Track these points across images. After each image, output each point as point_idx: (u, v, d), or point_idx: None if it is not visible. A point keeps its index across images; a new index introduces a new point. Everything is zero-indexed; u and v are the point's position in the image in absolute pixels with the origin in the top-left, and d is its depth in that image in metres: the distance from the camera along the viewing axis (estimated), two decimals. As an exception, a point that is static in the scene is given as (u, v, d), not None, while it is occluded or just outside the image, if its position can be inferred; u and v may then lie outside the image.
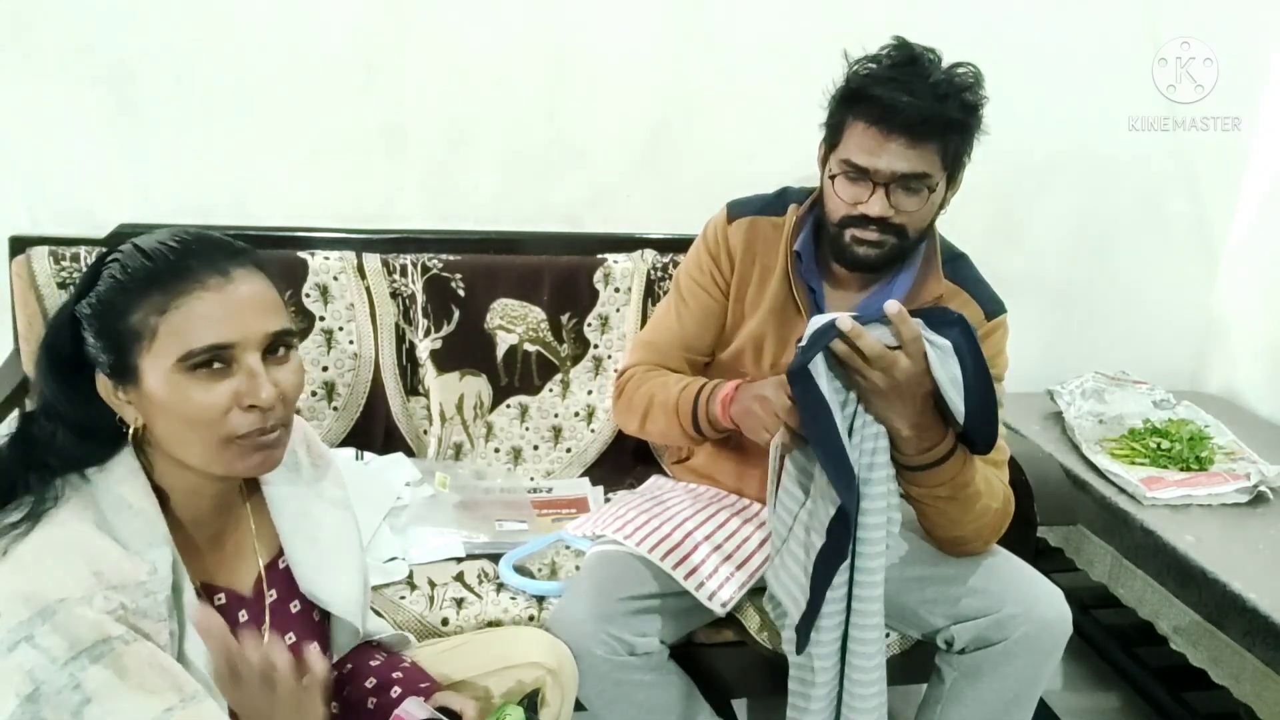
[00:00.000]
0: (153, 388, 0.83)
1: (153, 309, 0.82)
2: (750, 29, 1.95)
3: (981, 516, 1.26)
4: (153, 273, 0.83)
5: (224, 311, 0.83)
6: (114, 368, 0.85)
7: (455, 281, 1.80)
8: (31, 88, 1.73)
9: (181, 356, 0.82)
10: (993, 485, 1.26)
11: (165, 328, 0.82)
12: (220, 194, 1.85)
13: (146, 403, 0.84)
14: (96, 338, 0.85)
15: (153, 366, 0.83)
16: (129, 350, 0.83)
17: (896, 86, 1.21)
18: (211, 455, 0.86)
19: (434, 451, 1.81)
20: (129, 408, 0.86)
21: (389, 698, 1.02)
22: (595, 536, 1.45)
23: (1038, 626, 1.26)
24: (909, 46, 1.27)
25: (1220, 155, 2.24)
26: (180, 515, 0.91)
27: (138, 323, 0.83)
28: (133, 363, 0.83)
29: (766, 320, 1.42)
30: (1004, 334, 1.38)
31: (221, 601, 0.95)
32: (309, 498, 1.03)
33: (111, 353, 0.84)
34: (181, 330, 0.82)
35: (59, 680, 0.74)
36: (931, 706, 1.36)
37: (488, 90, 1.89)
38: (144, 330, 0.82)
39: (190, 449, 0.85)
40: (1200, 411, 2.05)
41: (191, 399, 0.83)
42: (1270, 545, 1.63)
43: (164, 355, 0.82)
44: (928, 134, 1.22)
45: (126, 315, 0.83)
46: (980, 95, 1.27)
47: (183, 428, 0.84)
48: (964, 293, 1.37)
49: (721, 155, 2.01)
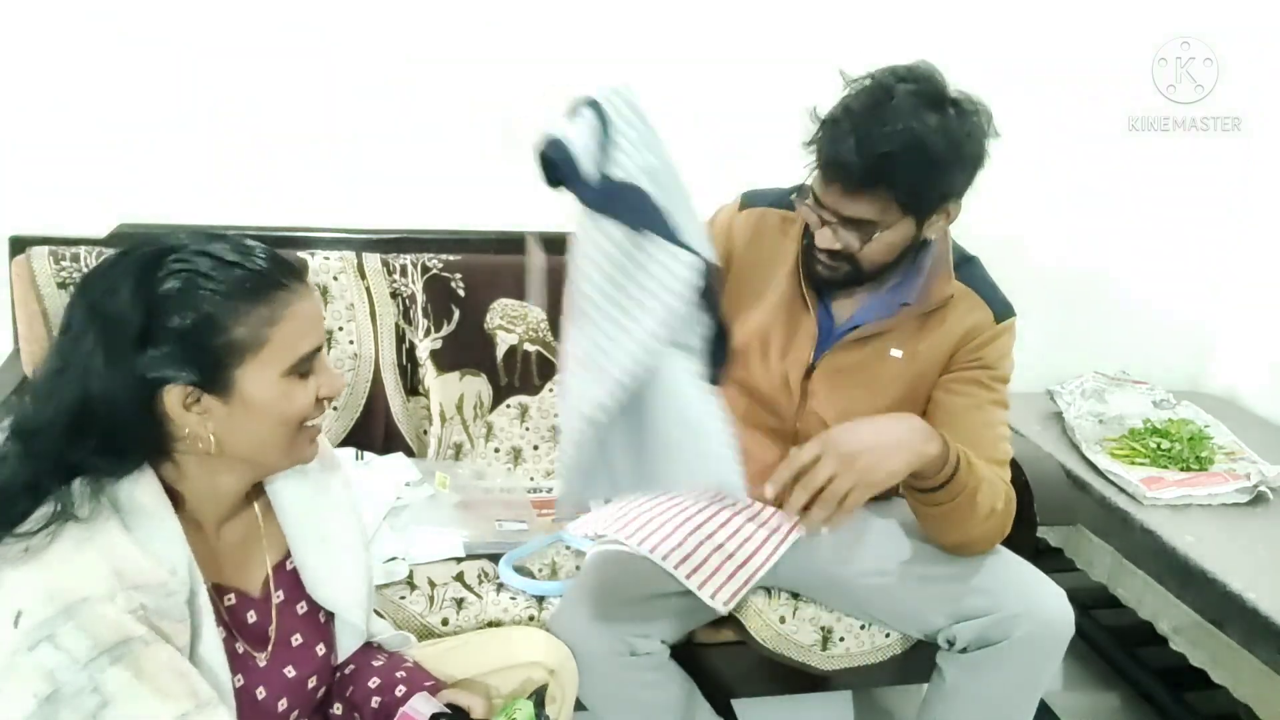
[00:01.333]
0: (255, 395, 0.86)
1: (261, 321, 0.85)
2: (754, 30, 1.95)
3: (987, 520, 1.26)
4: (254, 286, 0.85)
5: (314, 315, 0.91)
6: (202, 383, 0.84)
7: (455, 281, 1.80)
8: (32, 87, 1.73)
9: (294, 363, 0.87)
10: (995, 485, 1.27)
11: (277, 337, 0.86)
12: (220, 194, 1.85)
13: (238, 412, 0.85)
14: (186, 356, 0.83)
15: (258, 375, 0.86)
16: (226, 364, 0.84)
17: (840, 136, 1.19)
18: (286, 448, 0.92)
19: (434, 451, 1.81)
20: (200, 419, 0.85)
21: (394, 697, 1.02)
22: (596, 536, 1.45)
23: (1040, 626, 1.26)
24: (878, 90, 1.20)
25: (1220, 155, 2.24)
26: (193, 518, 0.91)
27: (245, 336, 0.84)
28: (229, 375, 0.84)
29: (774, 314, 1.42)
30: (1011, 337, 1.38)
31: (231, 602, 0.95)
32: (316, 500, 1.03)
33: (205, 369, 0.83)
34: (290, 339, 0.87)
35: (78, 682, 0.74)
36: (933, 706, 1.36)
37: (488, 90, 1.89)
38: (252, 342, 0.85)
39: (271, 447, 0.90)
40: (1200, 411, 2.05)
41: (294, 400, 0.89)
42: (1270, 545, 1.63)
43: (273, 364, 0.86)
44: (865, 185, 1.20)
45: (230, 331, 0.84)
46: (955, 141, 1.19)
47: (274, 428, 0.89)
48: (974, 294, 1.36)
49: (722, 155, 2.01)
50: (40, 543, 0.79)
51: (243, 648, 0.94)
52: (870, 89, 1.21)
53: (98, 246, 1.66)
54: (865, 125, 1.17)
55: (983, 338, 1.34)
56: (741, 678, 1.49)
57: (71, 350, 0.83)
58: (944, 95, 1.21)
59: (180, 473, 0.89)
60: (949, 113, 1.19)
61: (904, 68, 1.23)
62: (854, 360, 1.37)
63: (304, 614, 1.02)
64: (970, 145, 1.22)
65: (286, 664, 0.98)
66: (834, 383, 1.39)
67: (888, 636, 1.47)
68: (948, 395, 1.34)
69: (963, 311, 1.35)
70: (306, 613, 1.02)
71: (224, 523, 0.96)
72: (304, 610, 1.02)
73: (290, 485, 1.01)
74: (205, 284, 0.83)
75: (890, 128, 1.16)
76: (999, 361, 1.35)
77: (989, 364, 1.34)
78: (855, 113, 1.19)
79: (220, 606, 0.93)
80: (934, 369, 1.35)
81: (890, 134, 1.16)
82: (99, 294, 0.83)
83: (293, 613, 1.01)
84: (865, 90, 1.21)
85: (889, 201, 1.21)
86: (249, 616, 0.96)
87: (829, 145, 1.21)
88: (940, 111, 1.19)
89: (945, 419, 1.33)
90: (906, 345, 1.35)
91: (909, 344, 1.35)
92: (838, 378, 1.38)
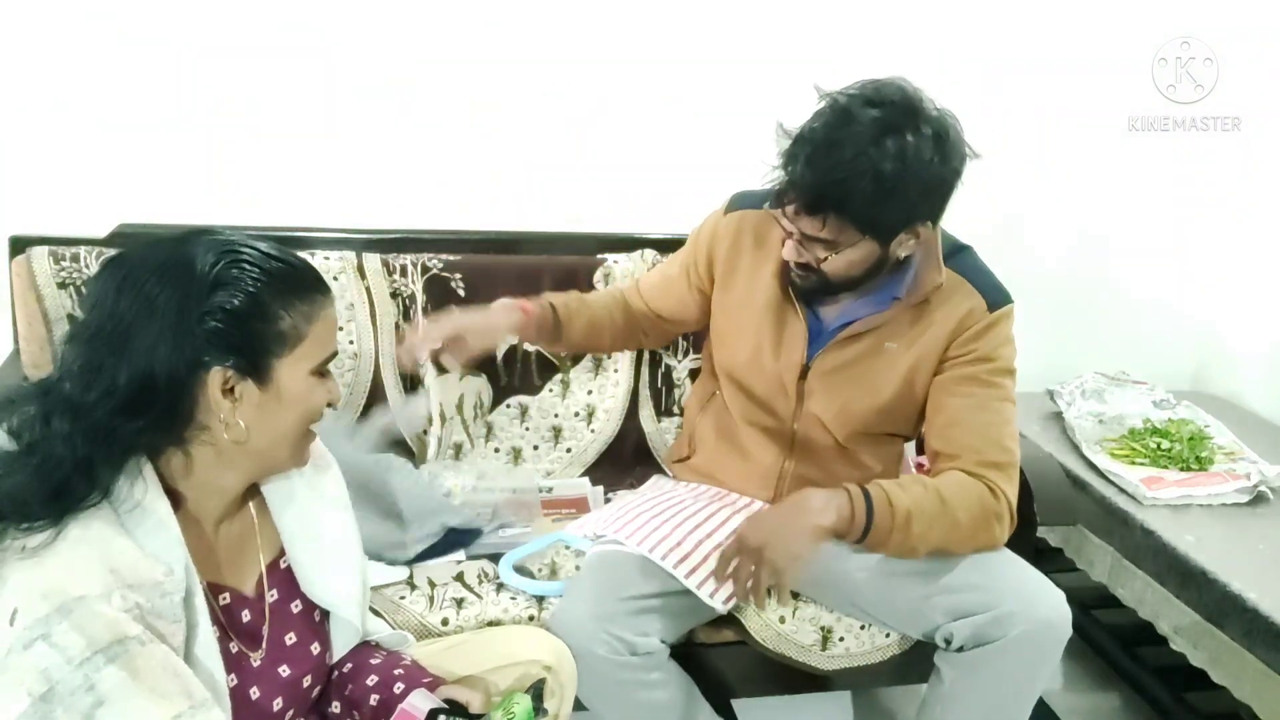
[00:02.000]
0: (289, 387, 0.89)
1: (302, 317, 0.88)
2: (752, 30, 1.95)
3: (952, 531, 1.26)
4: (297, 283, 0.89)
5: (335, 323, 0.94)
6: (246, 368, 0.85)
7: (455, 281, 1.80)
8: (32, 87, 1.73)
9: (323, 361, 0.91)
10: (960, 496, 1.26)
11: (313, 334, 0.89)
12: (221, 194, 1.85)
13: (271, 401, 0.87)
14: (241, 337, 0.84)
15: (293, 369, 0.88)
16: (269, 351, 0.86)
17: (795, 158, 1.21)
18: (296, 447, 0.94)
19: (434, 452, 1.80)
20: (232, 407, 0.86)
21: (392, 693, 1.02)
22: (596, 537, 1.45)
23: (1036, 624, 1.26)
24: (841, 113, 1.19)
25: (1220, 155, 2.24)
26: (191, 518, 0.91)
27: (289, 328, 0.87)
28: (269, 364, 0.86)
29: (763, 317, 1.42)
30: (1008, 325, 1.37)
31: (226, 601, 0.95)
32: (310, 498, 1.03)
33: (252, 353, 0.85)
34: (324, 338, 0.91)
35: (73, 681, 0.74)
36: (931, 706, 1.36)
37: (488, 90, 1.89)
38: (294, 335, 0.88)
39: (286, 444, 0.93)
40: (1200, 411, 2.05)
41: (315, 399, 0.92)
42: (1270, 545, 1.63)
43: (306, 359, 0.89)
44: (817, 209, 1.22)
45: (276, 320, 0.86)
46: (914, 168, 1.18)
47: (296, 423, 0.92)
48: (967, 283, 1.36)
49: (722, 155, 2.01)
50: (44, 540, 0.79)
51: (237, 647, 0.94)
52: (834, 111, 1.21)
53: (98, 246, 1.66)
54: (820, 151, 1.18)
55: (977, 328, 1.33)
56: (741, 678, 1.49)
57: (117, 326, 0.82)
58: (911, 119, 1.19)
59: (188, 467, 0.89)
60: (909, 140, 1.18)
61: (875, 87, 1.21)
62: (848, 357, 1.37)
63: (298, 613, 1.02)
64: (933, 170, 1.20)
65: (281, 663, 0.98)
66: (829, 382, 1.39)
67: (887, 637, 1.47)
68: (948, 397, 1.34)
69: (955, 301, 1.34)
70: (301, 611, 1.02)
71: (221, 522, 0.96)
72: (298, 609, 1.02)
73: (284, 484, 1.01)
74: (254, 270, 0.85)
75: (844, 155, 1.17)
76: (996, 351, 1.34)
77: (986, 355, 1.33)
78: (812, 137, 1.20)
79: (215, 606, 0.93)
80: (930, 361, 1.35)
81: (842, 162, 1.17)
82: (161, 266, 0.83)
83: (287, 612, 1.01)
84: (829, 111, 1.21)
85: (844, 223, 1.22)
86: (243, 616, 0.96)
87: (786, 165, 1.22)
88: (901, 137, 1.17)
89: (946, 422, 1.33)
90: (901, 338, 1.35)
91: (904, 337, 1.35)
92: (833, 376, 1.38)
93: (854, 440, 1.44)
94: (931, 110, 1.22)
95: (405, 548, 1.48)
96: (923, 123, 1.19)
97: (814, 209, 1.22)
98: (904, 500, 1.23)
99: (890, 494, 1.24)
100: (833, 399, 1.39)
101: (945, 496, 1.26)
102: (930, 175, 1.20)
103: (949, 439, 1.33)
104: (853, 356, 1.37)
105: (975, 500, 1.27)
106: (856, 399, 1.38)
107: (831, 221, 1.22)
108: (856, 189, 1.17)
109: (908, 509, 1.23)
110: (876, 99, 1.20)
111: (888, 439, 1.48)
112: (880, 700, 1.89)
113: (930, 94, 1.24)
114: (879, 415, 1.40)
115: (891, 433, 1.46)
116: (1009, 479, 1.31)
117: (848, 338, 1.37)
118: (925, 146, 1.19)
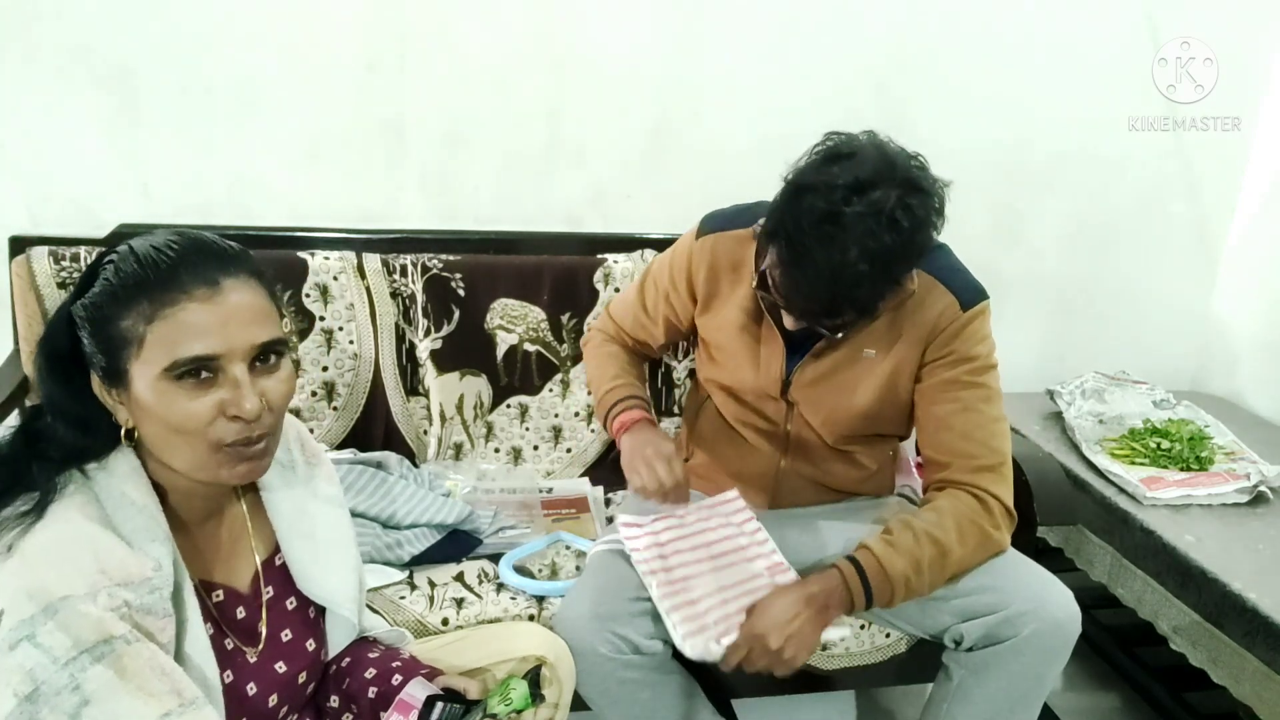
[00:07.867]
0: (141, 394, 0.83)
1: (141, 317, 0.82)
2: (750, 29, 1.95)
3: (955, 565, 1.28)
4: (143, 280, 0.83)
5: (211, 322, 0.83)
6: (106, 370, 0.85)
7: (455, 281, 1.80)
8: (32, 88, 1.73)
9: (168, 366, 0.82)
10: (952, 529, 1.26)
11: (153, 336, 0.82)
12: (220, 194, 1.85)
13: (135, 407, 0.84)
14: (90, 339, 0.85)
15: (141, 373, 0.83)
16: (119, 355, 0.83)
17: (795, 283, 1.19)
18: (198, 462, 0.86)
19: (434, 452, 1.81)
20: (121, 408, 0.86)
21: (390, 685, 1.02)
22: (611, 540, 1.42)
23: (1047, 624, 1.25)
24: (827, 219, 1.14)
25: (1220, 155, 2.24)
26: (178, 513, 0.91)
27: (128, 329, 0.82)
28: (123, 367, 0.83)
29: (739, 336, 1.42)
30: (983, 322, 1.35)
31: (219, 598, 0.95)
32: (304, 495, 1.03)
33: (104, 355, 0.84)
34: (169, 340, 0.82)
35: (59, 681, 0.74)
36: (938, 705, 1.36)
37: (488, 90, 1.89)
38: (133, 337, 0.82)
39: (177, 455, 0.86)
40: (1200, 411, 2.05)
41: (177, 408, 0.83)
42: (1270, 545, 1.63)
43: (151, 363, 0.82)
44: (826, 317, 1.24)
45: (117, 320, 0.83)
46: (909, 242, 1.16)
47: (170, 434, 0.84)
48: (939, 284, 1.33)
49: (721, 155, 2.01)
50: (22, 537, 0.79)
51: (232, 644, 0.94)
52: (822, 221, 1.14)
53: (98, 246, 1.66)
54: (823, 278, 1.16)
55: (951, 328, 1.32)
56: (742, 678, 1.48)
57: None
58: (894, 187, 1.15)
59: (149, 467, 0.89)
60: (900, 219, 1.14)
61: (851, 172, 1.15)
62: (826, 368, 1.36)
63: (294, 609, 1.02)
64: (923, 233, 1.19)
65: (277, 660, 0.98)
66: (811, 393, 1.38)
67: (888, 636, 1.47)
68: (933, 405, 1.33)
69: (929, 304, 1.32)
70: (296, 608, 1.02)
71: (209, 518, 0.95)
72: (294, 606, 1.02)
73: (278, 481, 1.01)
74: (106, 272, 0.85)
75: (844, 274, 1.15)
76: (974, 350, 1.32)
77: (965, 355, 1.32)
78: (808, 257, 1.16)
79: (209, 603, 0.93)
80: (909, 365, 1.34)
81: (843, 279, 1.15)
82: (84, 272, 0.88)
83: (283, 608, 1.01)
84: (815, 215, 1.15)
85: (856, 312, 1.23)
86: (238, 612, 0.96)
87: (785, 284, 1.21)
88: (893, 222, 1.14)
89: (934, 429, 1.33)
90: (878, 344, 1.34)
91: (881, 342, 1.34)
92: (815, 388, 1.38)
93: (844, 442, 1.44)
94: (904, 161, 1.18)
95: (403, 547, 1.48)
96: (905, 189, 1.16)
97: (824, 317, 1.24)
98: (898, 564, 1.24)
99: (882, 560, 1.24)
100: (818, 408, 1.39)
101: (937, 537, 1.25)
102: (920, 240, 1.19)
103: (938, 446, 1.33)
104: (831, 367, 1.36)
105: (967, 524, 1.27)
106: (840, 406, 1.38)
107: (845, 315, 1.24)
108: (863, 290, 1.18)
109: (904, 572, 1.24)
110: (856, 186, 1.14)
111: (879, 439, 1.48)
112: (882, 700, 1.89)
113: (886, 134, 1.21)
114: (865, 420, 1.40)
115: (882, 434, 1.47)
116: (1001, 478, 1.30)
117: (826, 346, 1.35)
118: (916, 209, 1.16)
